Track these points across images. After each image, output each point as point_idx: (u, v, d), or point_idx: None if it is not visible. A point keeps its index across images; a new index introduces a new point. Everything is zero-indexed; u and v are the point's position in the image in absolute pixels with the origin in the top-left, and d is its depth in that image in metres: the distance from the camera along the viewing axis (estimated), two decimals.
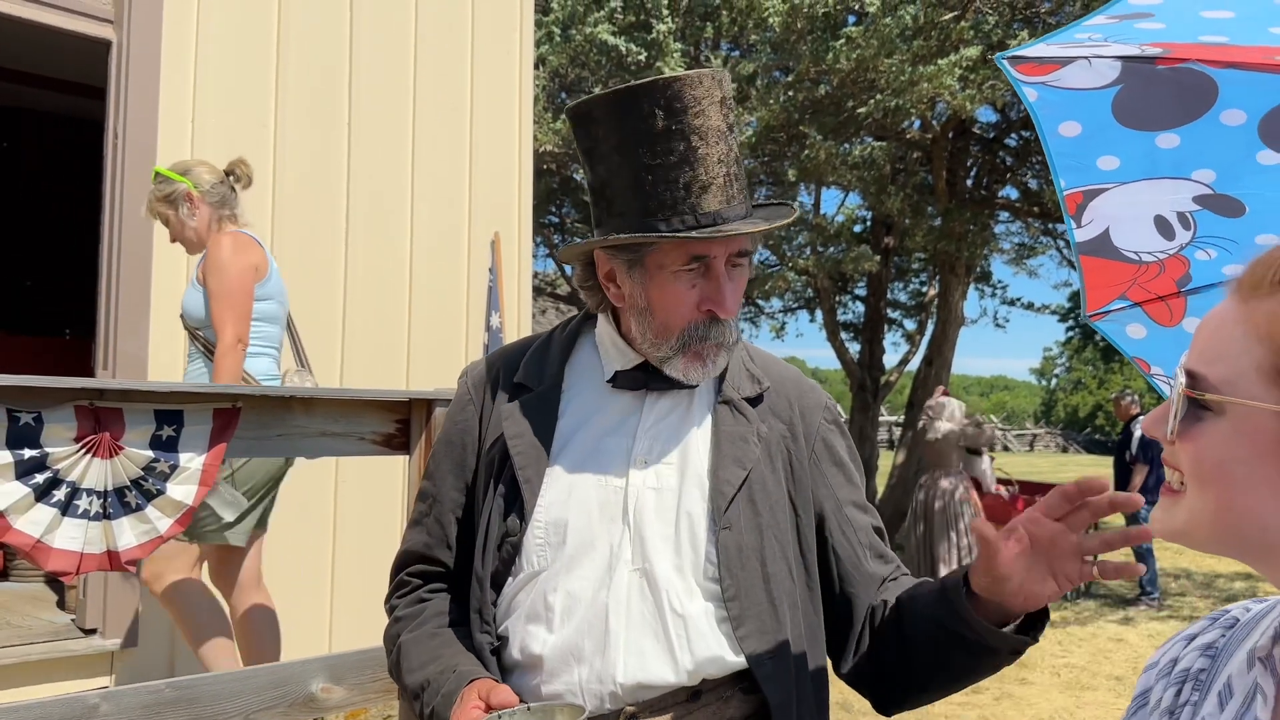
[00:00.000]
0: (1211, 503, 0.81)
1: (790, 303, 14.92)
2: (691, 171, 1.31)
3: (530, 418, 1.43)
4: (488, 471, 1.43)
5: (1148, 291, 1.32)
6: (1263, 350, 0.79)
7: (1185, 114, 1.11)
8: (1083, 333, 41.50)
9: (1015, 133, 11.40)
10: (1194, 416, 0.82)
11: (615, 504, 1.36)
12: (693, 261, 1.34)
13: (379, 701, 2.65)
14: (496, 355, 1.57)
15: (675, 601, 1.32)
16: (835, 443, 1.50)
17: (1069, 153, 1.18)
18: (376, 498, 4.24)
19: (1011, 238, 13.74)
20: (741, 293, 1.40)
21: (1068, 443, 47.19)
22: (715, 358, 1.38)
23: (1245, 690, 0.88)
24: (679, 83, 1.30)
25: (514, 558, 1.37)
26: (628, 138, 1.33)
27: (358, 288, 4.36)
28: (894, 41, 7.58)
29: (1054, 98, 1.12)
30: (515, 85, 5.02)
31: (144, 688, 2.30)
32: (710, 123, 1.31)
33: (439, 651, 1.39)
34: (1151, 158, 1.18)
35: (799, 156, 8.91)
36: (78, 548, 2.23)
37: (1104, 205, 1.23)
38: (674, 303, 1.36)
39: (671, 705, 1.32)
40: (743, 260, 1.37)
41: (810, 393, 1.52)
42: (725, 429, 1.41)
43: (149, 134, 3.80)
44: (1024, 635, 1.25)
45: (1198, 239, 1.25)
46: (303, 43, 4.25)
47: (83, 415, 2.22)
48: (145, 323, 3.74)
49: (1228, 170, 1.18)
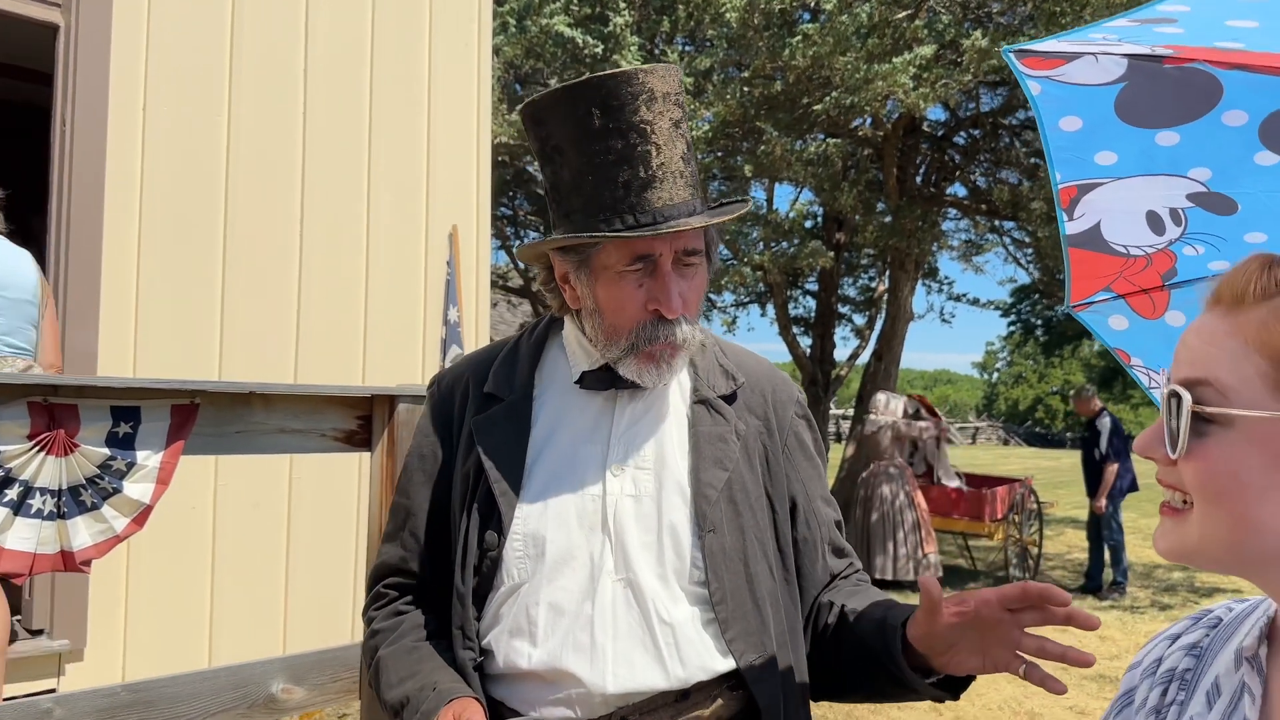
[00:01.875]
0: (1225, 518, 0.81)
1: (742, 297, 14.98)
2: (631, 169, 1.29)
3: (502, 429, 1.42)
4: (463, 485, 1.42)
5: (1132, 284, 1.34)
6: (1262, 359, 0.79)
7: (1187, 113, 1.12)
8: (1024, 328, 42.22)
9: (964, 131, 11.57)
10: (1198, 433, 0.82)
11: (594, 513, 1.36)
12: (637, 261, 1.32)
13: (340, 702, 2.61)
14: (465, 364, 1.55)
15: (662, 610, 1.32)
16: (806, 436, 1.51)
17: (1067, 147, 1.18)
18: (331, 495, 4.18)
19: (959, 234, 13.93)
20: (699, 292, 1.38)
21: (1009, 435, 48.08)
22: (670, 359, 1.36)
23: (1233, 689, 0.89)
24: (614, 80, 1.29)
25: (495, 572, 1.35)
26: (570, 137, 1.32)
27: (313, 281, 4.29)
28: (849, 39, 7.64)
29: (1057, 92, 1.13)
30: (474, 77, 4.96)
31: (98, 691, 2.24)
32: (648, 119, 1.29)
33: (417, 667, 1.38)
34: (1149, 154, 1.19)
35: (754, 152, 8.95)
36: (30, 548, 2.17)
37: (1097, 199, 1.24)
38: (620, 303, 1.34)
39: (660, 706, 1.32)
40: (694, 259, 1.35)
41: (783, 386, 1.52)
42: (703, 429, 1.41)
43: (99, 122, 3.70)
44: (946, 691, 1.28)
45: (1187, 235, 1.27)
46: (257, 30, 4.16)
47: (36, 412, 2.15)
48: (95, 315, 3.64)
49: (1224, 170, 1.20)
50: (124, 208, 3.76)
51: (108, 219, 3.70)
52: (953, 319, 22.30)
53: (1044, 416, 52.77)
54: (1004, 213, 10.95)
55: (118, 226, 3.74)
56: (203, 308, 3.95)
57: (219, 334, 3.98)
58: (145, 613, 3.75)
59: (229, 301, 4.02)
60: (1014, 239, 13.02)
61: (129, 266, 3.75)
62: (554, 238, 1.35)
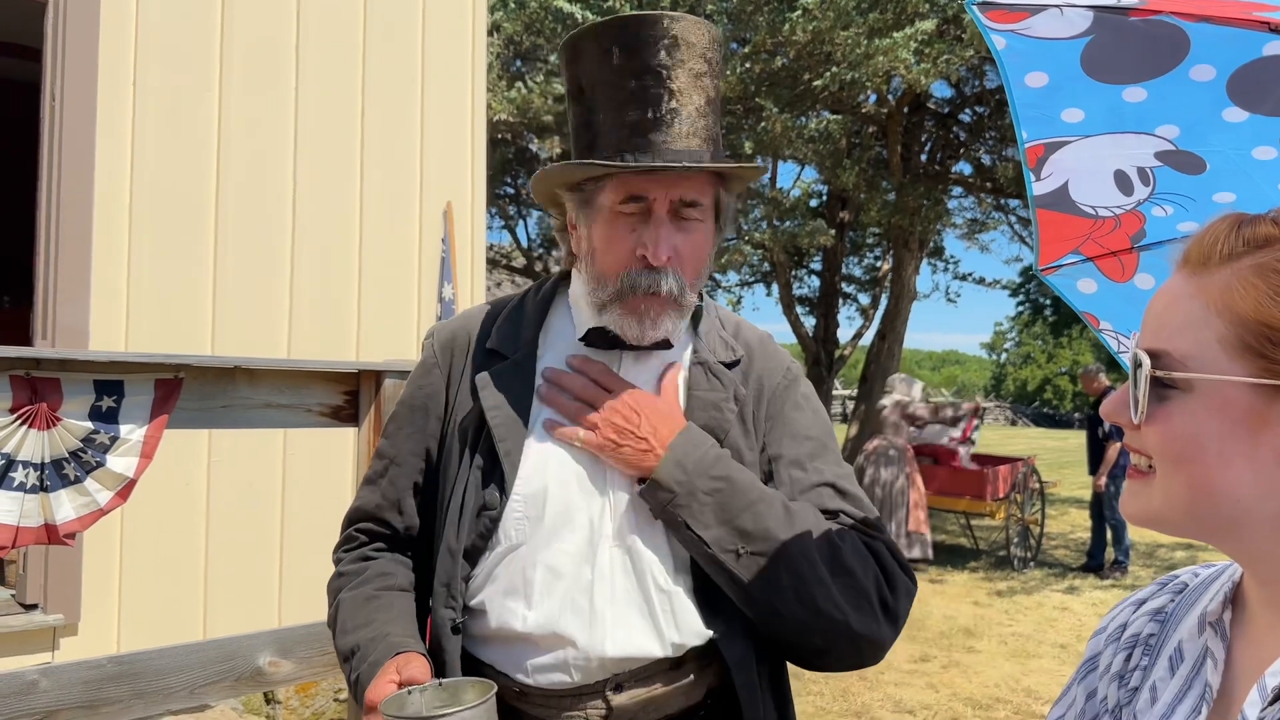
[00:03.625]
0: (1184, 482, 0.80)
1: (747, 276, 14.95)
2: (639, 110, 1.28)
3: (507, 387, 1.39)
4: (461, 442, 1.40)
5: (1101, 246, 1.31)
6: (1222, 323, 0.78)
7: (1155, 68, 1.09)
8: (1033, 308, 42.10)
9: (969, 108, 11.49)
10: (1159, 397, 0.81)
11: (594, 477, 1.34)
12: (630, 201, 1.31)
13: (328, 675, 2.62)
14: (463, 319, 1.52)
15: (659, 577, 1.31)
16: (791, 399, 1.46)
17: (1033, 104, 1.16)
18: (325, 470, 4.18)
19: (964, 213, 13.87)
20: (698, 250, 1.35)
21: (1017, 416, 48.04)
22: (655, 317, 1.33)
23: (1196, 654, 0.88)
24: (638, 20, 1.28)
25: (492, 531, 1.34)
26: (591, 75, 1.31)
27: (305, 257, 4.28)
28: (850, 14, 7.57)
29: (1022, 46, 1.10)
30: (469, 51, 4.92)
31: (85, 663, 2.25)
32: (666, 63, 1.27)
33: (374, 615, 1.37)
34: (1117, 111, 1.16)
35: (755, 129, 8.89)
36: (14, 521, 2.17)
37: (1065, 158, 1.21)
38: (610, 243, 1.33)
39: (656, 674, 1.32)
40: (693, 212, 1.33)
41: (774, 355, 1.49)
42: (698, 394, 1.39)
43: (88, 97, 3.68)
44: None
45: (1156, 195, 1.24)
46: (248, 4, 4.13)
47: (18, 385, 2.15)
48: (86, 292, 3.63)
49: (1192, 127, 1.17)
50: (114, 184, 3.75)
51: (98, 195, 3.68)
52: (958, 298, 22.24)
53: (1052, 397, 52.63)
54: (1009, 190, 10.88)
55: (108, 203, 3.72)
56: (194, 284, 3.94)
57: (211, 310, 3.98)
58: (139, 588, 3.77)
59: (221, 278, 4.01)
60: (1019, 217, 12.95)
61: (120, 243, 3.75)
62: (552, 167, 1.33)
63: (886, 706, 5.26)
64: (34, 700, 2.15)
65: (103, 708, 2.25)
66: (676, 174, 1.29)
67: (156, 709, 2.35)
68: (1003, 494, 9.42)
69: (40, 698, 2.15)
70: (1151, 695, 0.89)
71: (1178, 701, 0.86)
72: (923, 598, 7.81)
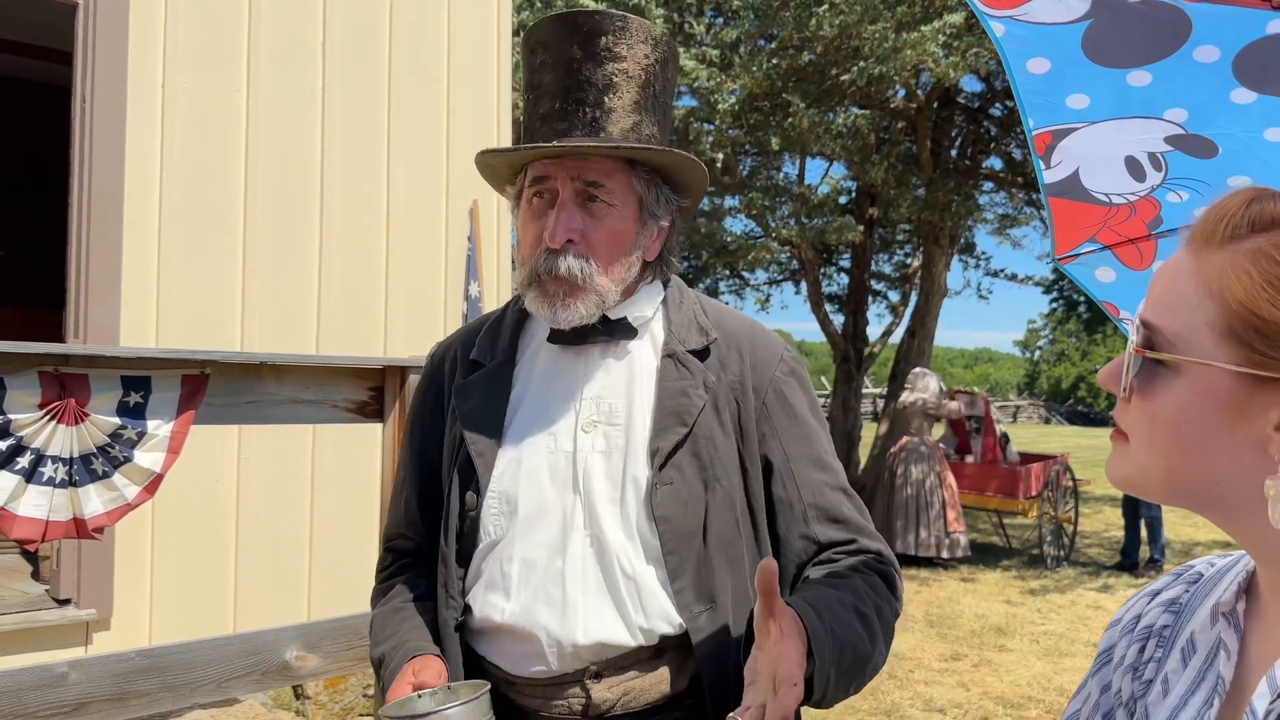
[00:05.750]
0: (1163, 459, 0.80)
1: (775, 274, 14.89)
2: (550, 103, 1.33)
3: (482, 393, 1.45)
4: (449, 450, 1.46)
5: (1118, 234, 1.29)
6: (1213, 306, 0.77)
7: (1157, 50, 1.07)
8: (1066, 305, 41.59)
9: (1000, 103, 11.35)
10: (1149, 372, 0.81)
11: (564, 469, 1.37)
12: (535, 184, 1.36)
13: (355, 669, 2.64)
14: (457, 334, 1.59)
15: (625, 564, 1.33)
16: (791, 395, 1.44)
17: (1037, 90, 1.14)
18: (354, 465, 4.22)
19: (995, 208, 13.71)
20: (607, 233, 1.35)
21: (1050, 414, 47.47)
22: (567, 299, 1.34)
23: (1209, 646, 0.87)
24: (558, 17, 1.33)
25: (475, 531, 1.39)
26: (526, 72, 1.39)
27: (333, 255, 4.31)
28: (877, 8, 7.52)
29: (1022, 32, 1.08)
30: (494, 49, 4.94)
31: (113, 656, 2.28)
32: (578, 56, 1.32)
33: (398, 627, 1.43)
34: (1122, 96, 1.15)
35: (783, 125, 8.85)
36: (43, 515, 2.20)
37: (1073, 145, 1.19)
38: (525, 230, 1.39)
39: (634, 663, 1.34)
40: (598, 193, 1.34)
41: (766, 346, 1.47)
42: (667, 384, 1.40)
43: (118, 99, 3.73)
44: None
45: (1169, 180, 1.22)
46: (276, 4, 4.17)
47: (47, 381, 2.18)
48: (116, 291, 3.69)
49: (1200, 110, 1.15)
50: (144, 184, 3.80)
51: (128, 195, 3.74)
52: (990, 295, 22.00)
53: (1086, 395, 51.98)
54: None
55: (138, 203, 3.77)
56: (223, 283, 3.99)
57: (240, 308, 4.02)
58: (170, 583, 3.82)
59: (249, 277, 4.05)
60: None
61: (150, 242, 3.80)
62: (476, 157, 1.40)
63: (916, 705, 5.22)
64: (64, 693, 2.18)
65: (132, 700, 2.28)
66: (579, 158, 1.32)
67: (184, 702, 2.38)
68: (1035, 492, 9.32)
69: (70, 690, 2.19)
70: (1164, 687, 0.88)
71: (1190, 694, 0.85)
72: (954, 596, 7.75)
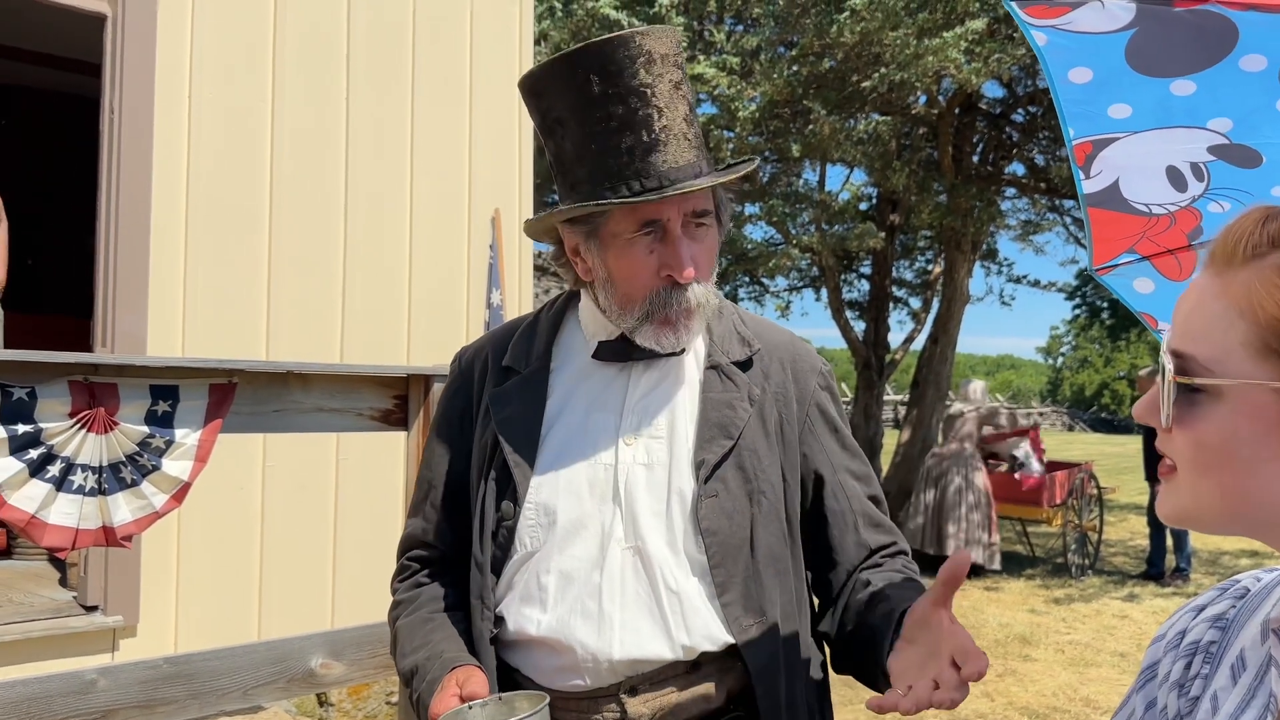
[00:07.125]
0: (1216, 487, 0.78)
1: (795, 281, 14.84)
2: (634, 135, 1.28)
3: (518, 401, 1.43)
4: (480, 457, 1.44)
5: (1157, 245, 1.27)
6: (1245, 325, 0.75)
7: (1202, 59, 1.06)
8: (1089, 311, 41.31)
9: (1022, 108, 11.28)
10: (1188, 401, 0.78)
11: (605, 482, 1.36)
12: (646, 227, 1.32)
13: (379, 677, 2.64)
14: (486, 338, 1.56)
15: (669, 578, 1.31)
16: (830, 408, 1.47)
17: (1079, 100, 1.13)
18: (378, 474, 4.23)
19: (1018, 214, 13.62)
20: (711, 253, 1.37)
21: (1074, 421, 47.10)
22: (688, 323, 1.35)
23: (1259, 663, 0.85)
24: (610, 45, 1.28)
25: (510, 541, 1.37)
26: (570, 107, 1.31)
27: (357, 264, 4.34)
28: (898, 14, 7.49)
29: (1064, 42, 1.07)
30: (515, 59, 4.96)
31: (141, 663, 2.29)
32: (648, 81, 1.28)
33: (430, 637, 1.40)
34: (1165, 106, 1.13)
35: (803, 132, 8.83)
36: (73, 523, 2.21)
37: (1114, 155, 1.18)
38: (632, 271, 1.33)
39: (671, 678, 1.32)
40: (705, 220, 1.34)
41: (805, 357, 1.49)
42: (711, 396, 1.39)
43: (145, 110, 3.77)
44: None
45: (1211, 190, 1.20)
46: (300, 16, 4.21)
47: (77, 390, 2.20)
48: (144, 300, 3.72)
49: (1246, 119, 1.13)
50: (171, 194, 3.83)
51: (155, 205, 3.77)
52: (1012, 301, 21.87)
53: (1109, 402, 51.54)
54: (1064, 191, 10.68)
55: (165, 212, 3.81)
56: (249, 291, 4.02)
57: (265, 317, 4.05)
58: (196, 590, 3.84)
59: (275, 285, 4.08)
60: (1074, 218, 12.69)
61: (176, 252, 3.83)
62: (559, 209, 1.35)
63: (941, 715, 5.18)
64: (93, 700, 2.19)
65: (159, 708, 2.29)
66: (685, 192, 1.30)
67: (211, 709, 2.38)
68: (1060, 500, 9.24)
69: (99, 697, 2.20)
70: (1213, 705, 0.86)
71: (1240, 711, 0.83)
72: (978, 605, 7.69)
